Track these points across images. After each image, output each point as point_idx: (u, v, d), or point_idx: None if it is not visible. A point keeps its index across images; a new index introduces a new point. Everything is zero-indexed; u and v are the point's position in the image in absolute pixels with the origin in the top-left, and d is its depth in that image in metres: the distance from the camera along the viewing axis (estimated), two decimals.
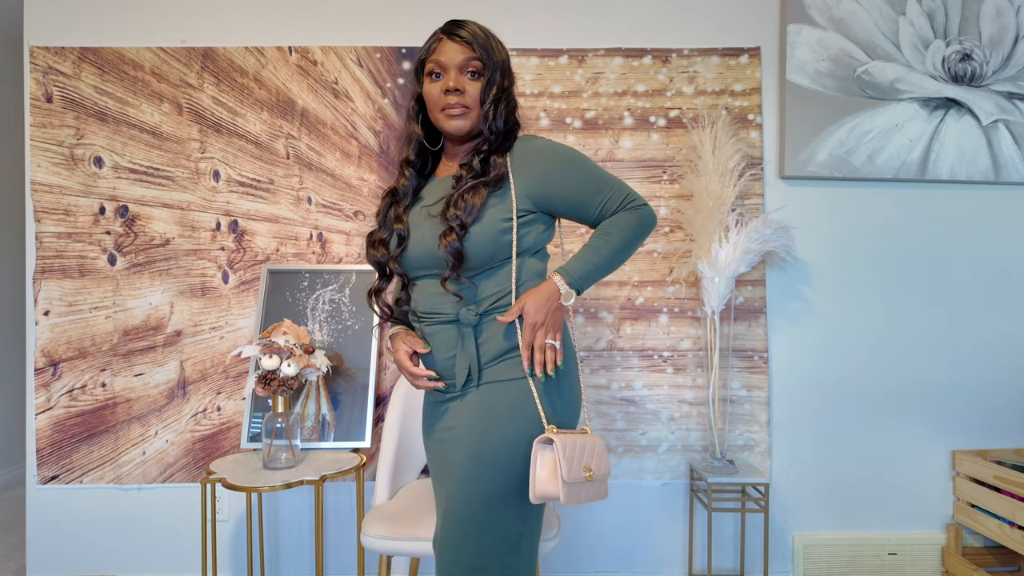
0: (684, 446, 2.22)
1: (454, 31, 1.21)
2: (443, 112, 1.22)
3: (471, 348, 1.19)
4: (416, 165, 1.29)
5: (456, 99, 1.20)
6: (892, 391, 2.24)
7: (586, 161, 1.24)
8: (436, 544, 1.24)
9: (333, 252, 2.23)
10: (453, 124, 1.22)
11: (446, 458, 1.24)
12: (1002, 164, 2.20)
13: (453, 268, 1.16)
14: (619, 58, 2.22)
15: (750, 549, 2.22)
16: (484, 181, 1.18)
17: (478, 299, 1.21)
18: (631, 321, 2.22)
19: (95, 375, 2.18)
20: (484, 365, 1.20)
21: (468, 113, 1.21)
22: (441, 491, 1.26)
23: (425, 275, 1.24)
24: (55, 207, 2.17)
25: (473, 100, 1.21)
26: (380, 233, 1.28)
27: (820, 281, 2.24)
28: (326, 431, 2.03)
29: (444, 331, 1.23)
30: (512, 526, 1.18)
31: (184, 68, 2.20)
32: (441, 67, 1.21)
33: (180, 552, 2.21)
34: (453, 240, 1.15)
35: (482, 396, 1.20)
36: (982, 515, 2.11)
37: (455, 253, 1.15)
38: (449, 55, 1.20)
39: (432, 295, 1.23)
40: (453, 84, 1.19)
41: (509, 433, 1.17)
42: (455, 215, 1.16)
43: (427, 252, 1.21)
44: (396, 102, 2.23)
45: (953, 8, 2.19)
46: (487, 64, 1.21)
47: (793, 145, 2.18)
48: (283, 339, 1.90)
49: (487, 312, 1.21)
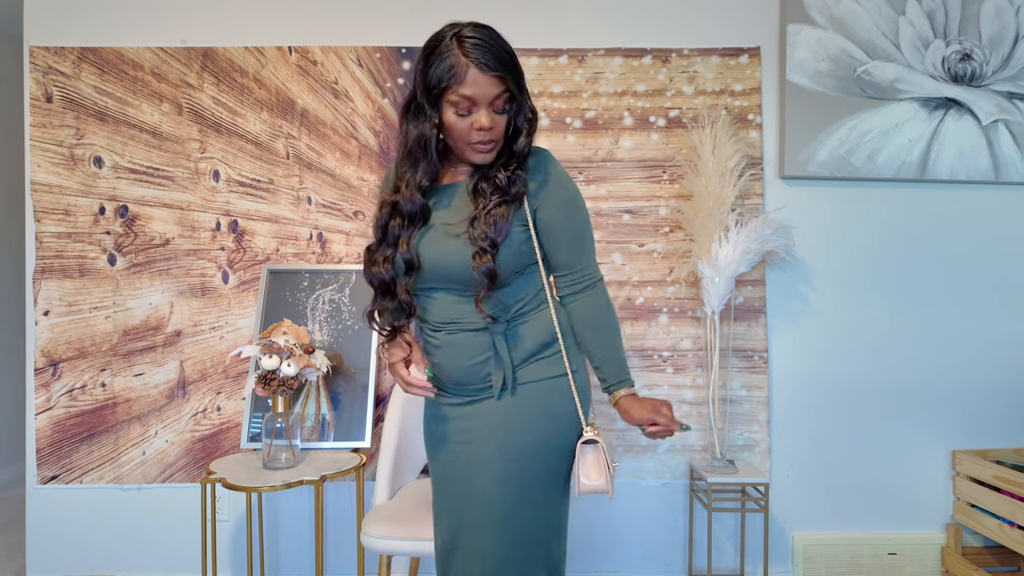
0: (684, 446, 2.22)
1: (484, 61, 1.10)
2: (472, 146, 1.16)
3: (505, 355, 1.20)
4: (425, 190, 1.21)
5: (489, 136, 1.14)
6: (892, 391, 2.24)
7: (586, 219, 1.25)
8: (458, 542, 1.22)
9: (333, 252, 2.23)
10: (482, 159, 1.18)
11: (470, 460, 1.22)
12: (1002, 164, 2.20)
13: (488, 288, 1.14)
14: (619, 58, 2.22)
15: (750, 549, 2.22)
16: (507, 199, 1.16)
17: (505, 307, 1.21)
18: (631, 321, 2.22)
19: (95, 375, 2.18)
20: (517, 367, 1.22)
21: (496, 146, 1.17)
22: (461, 492, 1.24)
23: (441, 289, 1.21)
24: (55, 207, 2.17)
25: (500, 133, 1.16)
26: (383, 251, 1.21)
27: (820, 281, 2.24)
28: (326, 431, 2.03)
29: (469, 338, 1.21)
30: (552, 515, 1.23)
31: (184, 68, 2.20)
32: (472, 102, 1.12)
33: (180, 552, 2.21)
34: (488, 261, 1.12)
35: (518, 396, 1.21)
36: (982, 515, 2.11)
37: (489, 274, 1.13)
38: (480, 90, 1.11)
39: (451, 305, 1.21)
40: (487, 123, 1.13)
41: (545, 429, 1.21)
42: (484, 234, 1.13)
43: (449, 272, 1.17)
44: (396, 102, 2.23)
45: (953, 8, 2.19)
46: (515, 93, 1.15)
47: (793, 145, 2.18)
48: (283, 339, 1.90)
49: (513, 318, 1.22)
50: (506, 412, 1.21)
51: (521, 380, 1.21)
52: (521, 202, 1.19)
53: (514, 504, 1.19)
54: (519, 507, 1.19)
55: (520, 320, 1.22)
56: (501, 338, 1.19)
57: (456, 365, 1.23)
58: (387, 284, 1.21)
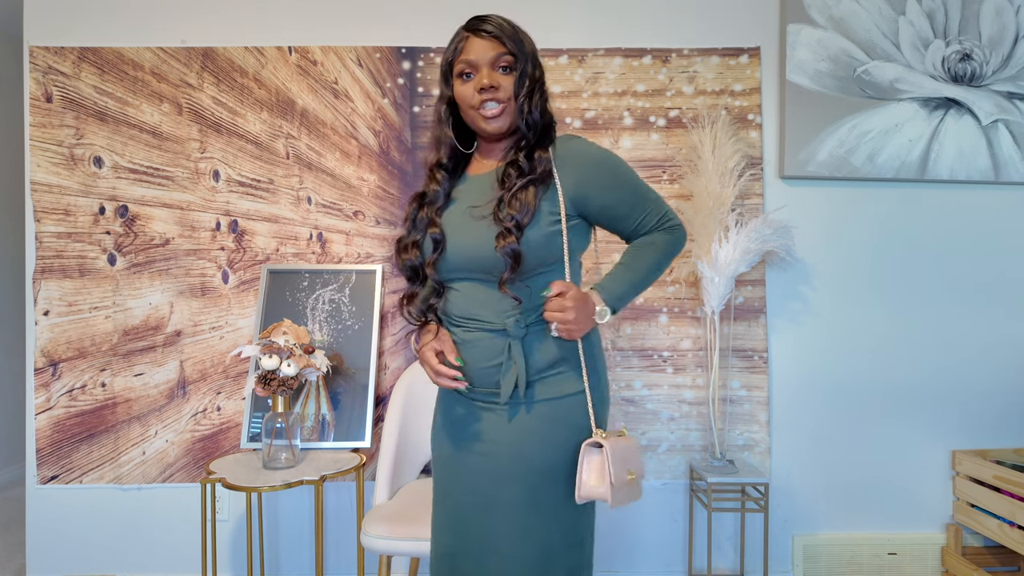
0: (684, 446, 2.22)
1: (480, 27, 1.17)
2: (479, 112, 1.18)
3: (520, 361, 1.17)
4: (449, 168, 1.25)
5: (491, 96, 1.17)
6: (892, 391, 2.24)
7: (628, 170, 1.22)
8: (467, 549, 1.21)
9: (333, 252, 2.23)
10: (492, 125, 1.19)
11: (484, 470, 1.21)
12: (1002, 164, 2.20)
13: (512, 270, 1.13)
14: (619, 58, 2.22)
15: (750, 549, 2.22)
16: (532, 179, 1.15)
17: (530, 307, 1.18)
18: (631, 321, 2.22)
19: (95, 375, 2.18)
20: (532, 378, 1.19)
21: (505, 109, 1.18)
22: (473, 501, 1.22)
23: (464, 279, 1.21)
24: (55, 207, 2.17)
25: (508, 95, 1.18)
26: (412, 236, 1.24)
27: (820, 281, 2.24)
28: (326, 431, 2.03)
29: (485, 339, 1.19)
30: (575, 526, 1.21)
31: (184, 68, 2.20)
32: (472, 66, 1.17)
33: (180, 552, 2.21)
34: (512, 241, 1.12)
35: (536, 413, 1.19)
36: (982, 515, 2.11)
37: (514, 254, 1.12)
38: (479, 52, 1.17)
39: (473, 300, 1.20)
40: (488, 81, 1.15)
41: (566, 440, 1.18)
42: (510, 215, 1.12)
43: (473, 255, 1.17)
44: (396, 102, 2.23)
45: (953, 8, 2.19)
46: (518, 57, 1.18)
47: (793, 145, 2.18)
48: (283, 339, 1.90)
49: (533, 323, 1.19)
50: (524, 428, 1.18)
51: (539, 396, 1.19)
52: (552, 189, 1.18)
53: (534, 515, 1.18)
54: (539, 518, 1.18)
55: (540, 327, 1.19)
56: (518, 344, 1.17)
57: (474, 367, 1.21)
58: (417, 268, 1.23)
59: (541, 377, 1.19)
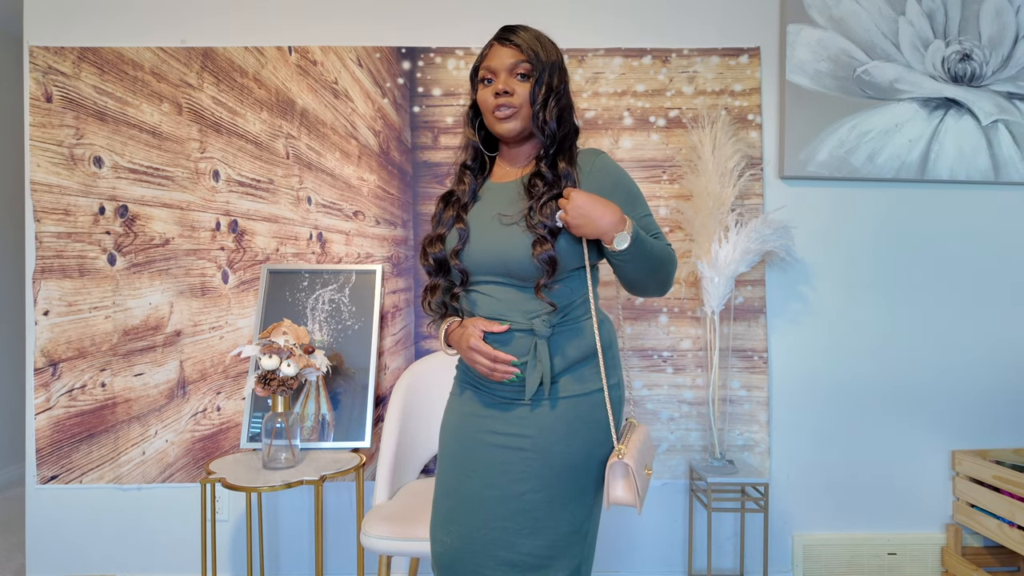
0: (684, 446, 2.22)
1: (505, 36, 1.25)
2: (494, 114, 1.25)
3: (545, 360, 1.21)
4: (474, 170, 1.33)
5: (504, 100, 1.23)
6: (892, 391, 2.24)
7: (642, 198, 1.29)
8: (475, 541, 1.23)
9: (333, 252, 2.23)
10: (504, 126, 1.24)
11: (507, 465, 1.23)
12: (1002, 164, 2.20)
13: (548, 275, 1.18)
14: (619, 58, 2.22)
15: (750, 549, 2.22)
16: (557, 193, 1.20)
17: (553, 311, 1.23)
18: (631, 321, 2.22)
19: (95, 375, 2.18)
20: (557, 375, 1.24)
21: (517, 113, 1.24)
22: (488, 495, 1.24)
23: (489, 282, 1.25)
24: (55, 207, 2.17)
25: (522, 100, 1.23)
26: (437, 230, 1.30)
27: (820, 281, 2.24)
28: (326, 431, 2.03)
29: (512, 339, 1.23)
30: (583, 520, 1.25)
31: (184, 68, 2.20)
32: (491, 72, 1.25)
33: (180, 552, 2.21)
34: (548, 248, 1.17)
35: (559, 410, 1.23)
36: (982, 515, 2.11)
37: (551, 260, 1.17)
38: (499, 59, 1.24)
39: (500, 301, 1.24)
40: (502, 87, 1.22)
41: (587, 440, 1.23)
42: (542, 223, 1.18)
43: (504, 259, 1.21)
44: (396, 102, 2.23)
45: (953, 8, 2.19)
46: (535, 65, 1.23)
47: (793, 145, 2.18)
48: (283, 339, 1.90)
49: (558, 324, 1.23)
50: (547, 424, 1.23)
51: (564, 392, 1.23)
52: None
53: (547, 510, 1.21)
54: (551, 512, 1.22)
55: (564, 327, 1.24)
56: (543, 342, 1.21)
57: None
58: (443, 261, 1.28)
59: (564, 374, 1.24)
